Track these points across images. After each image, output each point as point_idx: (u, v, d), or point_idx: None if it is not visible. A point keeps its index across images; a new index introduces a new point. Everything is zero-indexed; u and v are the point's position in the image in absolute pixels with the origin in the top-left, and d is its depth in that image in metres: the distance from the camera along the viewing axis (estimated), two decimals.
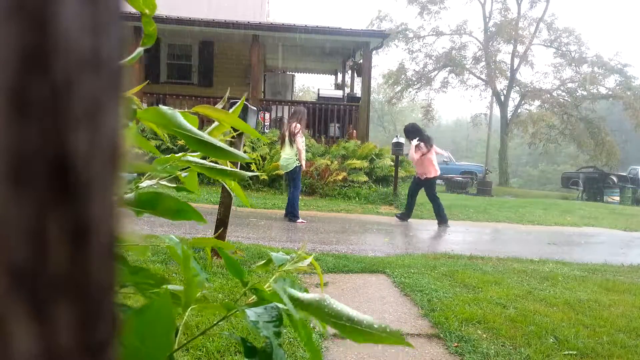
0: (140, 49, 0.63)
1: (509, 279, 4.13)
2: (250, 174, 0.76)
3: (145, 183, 0.65)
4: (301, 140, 6.79)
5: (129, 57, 0.61)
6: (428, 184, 7.76)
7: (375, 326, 0.57)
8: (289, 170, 6.93)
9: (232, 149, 0.63)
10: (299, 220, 6.90)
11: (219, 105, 0.72)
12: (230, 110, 0.71)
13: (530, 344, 2.67)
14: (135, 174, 0.66)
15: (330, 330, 0.58)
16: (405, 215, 8.05)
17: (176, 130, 0.58)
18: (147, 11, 0.58)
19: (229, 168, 0.71)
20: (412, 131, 7.84)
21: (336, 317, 0.56)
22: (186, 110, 0.65)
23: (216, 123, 0.73)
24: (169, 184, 0.71)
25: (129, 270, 0.56)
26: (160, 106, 0.60)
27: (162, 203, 0.61)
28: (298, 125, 6.80)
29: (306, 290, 0.62)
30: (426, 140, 7.64)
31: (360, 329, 0.56)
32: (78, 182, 0.20)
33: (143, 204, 0.60)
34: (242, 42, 12.64)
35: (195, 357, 2.20)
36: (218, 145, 0.61)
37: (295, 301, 0.57)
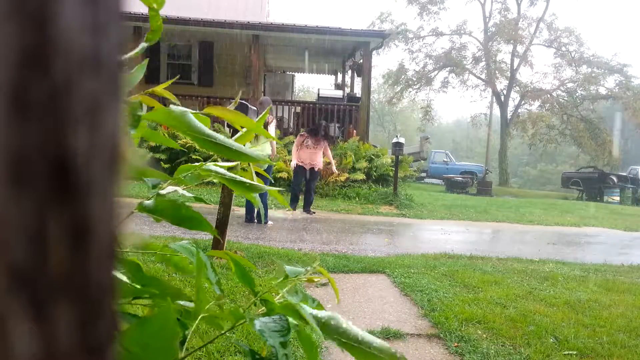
0: (143, 44, 0.61)
1: (509, 279, 4.12)
2: (270, 188, 0.75)
3: (166, 190, 0.64)
4: (274, 133, 6.63)
5: (132, 52, 0.60)
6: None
7: (385, 349, 0.56)
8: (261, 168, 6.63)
9: (246, 150, 0.61)
10: (270, 222, 6.58)
11: (231, 107, 0.71)
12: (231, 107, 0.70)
13: (530, 344, 2.67)
14: (159, 180, 0.65)
15: None
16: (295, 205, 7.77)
17: (187, 131, 0.57)
18: (155, 5, 0.57)
19: (248, 181, 0.70)
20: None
21: (345, 337, 0.56)
22: (197, 111, 0.64)
23: (243, 130, 0.71)
24: (188, 194, 0.70)
25: (144, 281, 0.56)
26: (171, 106, 0.59)
27: (180, 213, 0.60)
28: (271, 117, 6.64)
29: (320, 307, 0.61)
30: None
31: (368, 351, 0.56)
32: (78, 182, 0.20)
33: (161, 211, 0.59)
34: (242, 42, 12.64)
35: (195, 357, 2.20)
36: (233, 146, 0.60)
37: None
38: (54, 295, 0.20)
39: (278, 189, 0.83)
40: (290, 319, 0.58)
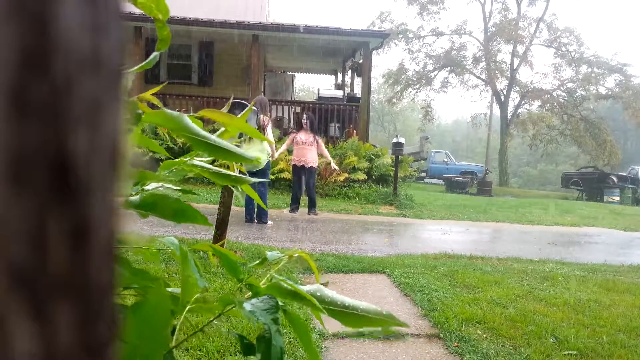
0: (155, 54, 0.63)
1: (509, 279, 4.12)
2: (256, 180, 0.76)
3: (151, 185, 0.65)
4: (271, 133, 6.40)
5: (145, 62, 0.61)
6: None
7: (372, 310, 0.58)
8: (257, 169, 5.97)
9: (241, 151, 0.62)
10: (269, 223, 6.52)
11: (225, 109, 0.71)
12: (239, 115, 0.71)
13: (530, 344, 2.67)
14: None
15: (331, 329, 0.58)
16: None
17: (184, 133, 0.58)
18: (160, 16, 0.58)
19: (234, 174, 0.71)
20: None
21: (332, 305, 0.58)
22: (192, 114, 0.64)
23: (222, 128, 0.72)
24: (174, 187, 0.70)
25: (131, 273, 0.56)
26: (164, 109, 0.60)
27: (167, 206, 0.61)
28: (266, 118, 6.33)
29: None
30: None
31: (356, 314, 0.58)
32: (78, 182, 0.20)
33: (148, 206, 0.60)
34: (242, 42, 12.64)
35: (195, 357, 2.20)
36: (227, 147, 0.61)
37: (292, 293, 0.58)
38: (54, 295, 0.20)
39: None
40: (280, 302, 0.59)
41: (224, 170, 0.69)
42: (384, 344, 2.63)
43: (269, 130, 6.39)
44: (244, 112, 0.75)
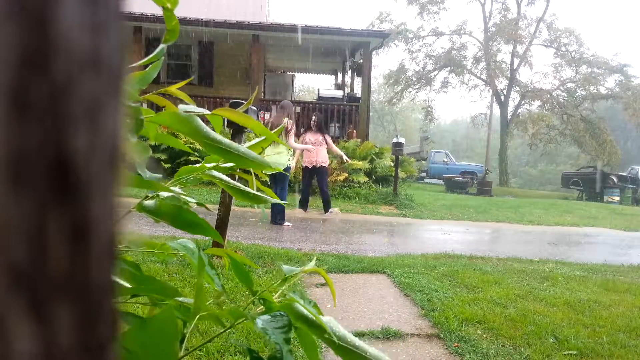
0: (163, 46, 0.61)
1: (509, 279, 4.12)
2: (276, 201, 0.73)
3: (166, 192, 0.63)
4: (293, 139, 6.51)
5: (153, 54, 0.60)
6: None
7: (380, 358, 0.56)
8: (276, 171, 6.20)
9: (259, 158, 0.60)
10: (286, 224, 6.59)
11: (242, 109, 0.70)
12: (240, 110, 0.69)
13: (530, 344, 2.67)
14: (160, 176, 0.64)
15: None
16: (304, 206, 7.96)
17: (194, 135, 0.55)
18: (168, 5, 0.56)
19: (252, 191, 0.68)
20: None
21: (341, 340, 0.56)
22: (206, 111, 0.63)
23: (260, 138, 0.70)
24: (190, 199, 0.69)
25: (142, 281, 0.55)
26: (180, 106, 0.58)
27: (182, 216, 0.59)
28: (290, 121, 6.32)
29: (317, 308, 0.60)
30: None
31: (364, 357, 0.56)
32: (78, 182, 0.20)
33: (163, 214, 0.58)
34: (242, 42, 12.64)
35: (195, 357, 2.20)
36: (243, 153, 0.58)
37: (304, 320, 0.57)
38: (54, 295, 0.20)
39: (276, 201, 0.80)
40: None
41: (243, 187, 0.67)
42: (384, 343, 2.63)
43: (291, 137, 6.40)
44: (280, 119, 0.75)
